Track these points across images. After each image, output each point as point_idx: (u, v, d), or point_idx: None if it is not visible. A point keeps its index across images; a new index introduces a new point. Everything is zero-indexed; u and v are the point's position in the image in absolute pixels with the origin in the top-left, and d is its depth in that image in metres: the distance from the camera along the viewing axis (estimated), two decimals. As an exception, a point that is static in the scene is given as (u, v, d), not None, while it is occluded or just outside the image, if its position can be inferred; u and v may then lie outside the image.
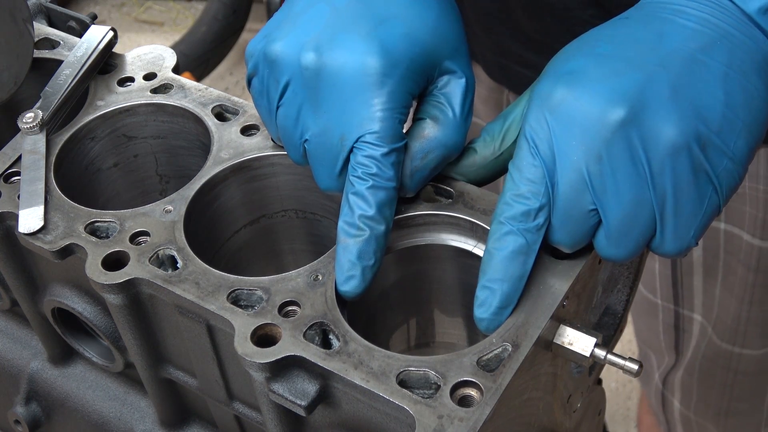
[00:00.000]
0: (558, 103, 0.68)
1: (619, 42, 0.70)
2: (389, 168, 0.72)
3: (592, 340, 0.70)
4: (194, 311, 0.72)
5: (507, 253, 0.68)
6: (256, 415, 0.78)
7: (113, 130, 0.88)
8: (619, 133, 0.65)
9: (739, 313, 1.28)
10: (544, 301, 0.69)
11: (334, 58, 0.72)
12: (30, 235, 0.77)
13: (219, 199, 0.83)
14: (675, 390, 1.50)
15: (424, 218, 0.77)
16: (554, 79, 0.69)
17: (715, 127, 0.66)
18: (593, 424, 0.92)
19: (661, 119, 0.66)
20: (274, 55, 0.74)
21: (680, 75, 0.67)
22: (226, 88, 2.96)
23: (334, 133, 0.73)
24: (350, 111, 0.72)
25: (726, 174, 0.68)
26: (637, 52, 0.68)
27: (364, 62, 0.72)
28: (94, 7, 3.37)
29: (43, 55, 0.92)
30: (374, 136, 0.71)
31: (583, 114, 0.66)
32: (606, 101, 0.66)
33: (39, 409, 0.96)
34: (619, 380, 2.23)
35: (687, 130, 0.66)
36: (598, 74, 0.68)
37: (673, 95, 0.66)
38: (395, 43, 0.72)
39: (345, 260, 0.71)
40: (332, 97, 0.72)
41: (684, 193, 0.67)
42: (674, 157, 0.66)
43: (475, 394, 0.64)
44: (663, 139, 0.65)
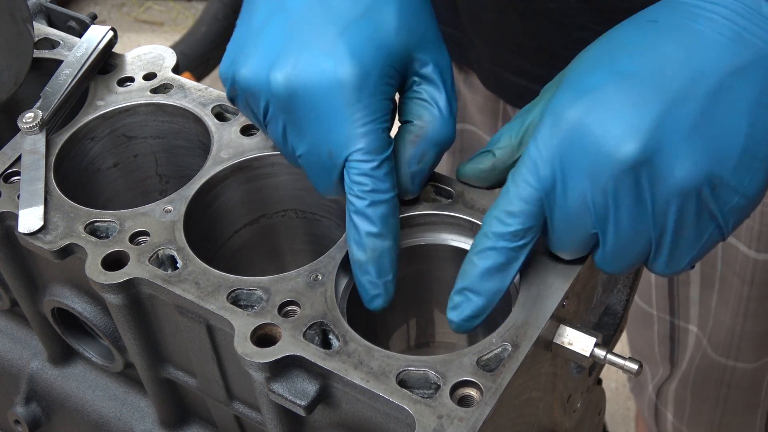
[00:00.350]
0: (570, 126, 0.65)
1: (644, 58, 0.66)
2: (383, 180, 0.71)
3: (592, 340, 0.70)
4: (194, 311, 0.72)
5: (486, 268, 0.69)
6: (256, 415, 0.78)
7: (113, 130, 0.88)
8: (628, 173, 0.63)
9: (733, 326, 1.27)
10: (544, 301, 0.69)
11: (304, 78, 0.70)
12: (30, 235, 0.76)
13: (219, 199, 0.83)
14: (668, 402, 1.49)
15: (424, 218, 0.77)
16: (571, 97, 0.66)
17: (731, 166, 0.63)
18: (593, 424, 0.92)
19: (674, 160, 0.63)
20: (245, 84, 0.73)
21: (704, 106, 0.63)
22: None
23: (321, 151, 0.72)
24: (332, 129, 0.71)
25: (735, 211, 0.65)
26: (662, 73, 0.64)
27: (335, 78, 0.69)
28: (94, 7, 3.37)
29: (43, 55, 0.92)
30: (362, 152, 0.70)
31: (595, 144, 0.64)
32: (620, 135, 0.63)
33: (39, 409, 0.96)
34: (619, 380, 2.23)
35: (699, 174, 0.63)
36: (616, 100, 0.64)
37: (692, 132, 0.63)
38: (362, 49, 0.70)
39: (366, 281, 0.72)
40: (311, 117, 0.71)
41: (684, 230, 0.65)
42: (680, 198, 0.64)
43: (474, 394, 0.64)
44: (672, 182, 0.63)
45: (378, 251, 0.72)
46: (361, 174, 0.71)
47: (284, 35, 0.72)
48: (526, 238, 0.68)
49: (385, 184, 0.71)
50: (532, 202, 0.67)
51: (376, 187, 0.71)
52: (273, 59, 0.71)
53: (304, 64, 0.70)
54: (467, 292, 0.69)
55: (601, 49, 0.69)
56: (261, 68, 0.72)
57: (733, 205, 0.65)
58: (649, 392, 1.52)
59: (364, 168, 0.71)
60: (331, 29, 0.70)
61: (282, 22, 0.72)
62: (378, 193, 0.71)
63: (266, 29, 0.73)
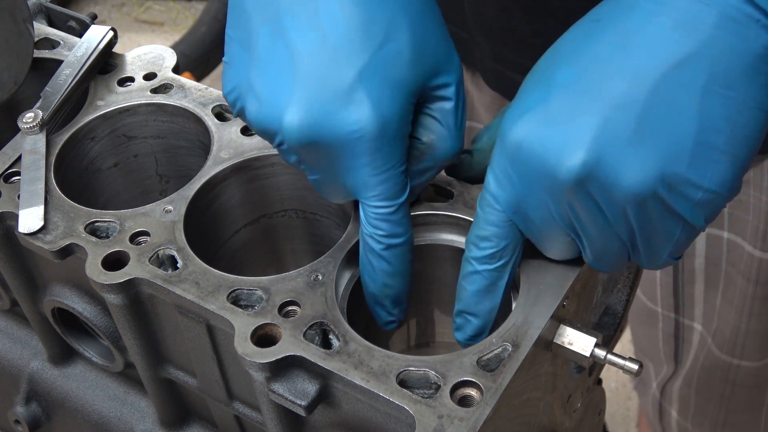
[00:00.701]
0: (515, 147, 0.64)
1: (582, 65, 0.63)
2: (400, 224, 0.72)
3: (592, 340, 0.70)
4: (194, 311, 0.72)
5: (475, 291, 0.70)
6: (256, 415, 0.78)
7: (113, 130, 0.88)
8: (576, 187, 0.62)
9: (738, 325, 1.28)
10: (544, 301, 0.69)
11: (322, 127, 0.67)
12: (30, 235, 0.76)
13: (219, 199, 0.83)
14: (673, 400, 1.49)
15: (424, 218, 0.77)
16: (514, 117, 0.65)
17: (684, 162, 0.61)
18: (593, 424, 0.92)
19: (620, 169, 0.61)
20: (256, 122, 0.70)
21: (645, 107, 0.61)
22: (226, 88, 2.95)
23: (336, 184, 0.72)
24: (350, 174, 0.70)
25: (702, 206, 0.63)
26: (601, 80, 0.62)
27: (356, 129, 0.67)
28: (94, 7, 3.37)
29: (43, 55, 0.92)
30: (379, 198, 0.70)
31: (540, 164, 0.63)
32: (560, 152, 0.62)
33: (39, 409, 0.96)
34: (619, 380, 2.23)
35: (649, 178, 0.61)
36: (554, 115, 0.63)
37: (635, 136, 0.60)
38: (380, 94, 0.67)
39: (379, 310, 0.75)
40: (327, 161, 0.69)
41: (651, 232, 0.64)
42: (636, 205, 0.62)
43: (475, 394, 0.64)
44: (622, 190, 0.61)
45: (394, 288, 0.74)
46: (378, 219, 0.71)
47: (292, 70, 0.67)
48: (504, 257, 0.69)
49: (401, 227, 0.72)
50: (501, 224, 0.68)
51: (392, 232, 0.71)
52: (286, 101, 0.67)
53: (320, 110, 0.67)
54: (464, 314, 0.72)
55: (546, 59, 0.67)
56: (273, 109, 0.68)
57: (697, 200, 0.62)
58: (653, 390, 1.52)
59: (381, 213, 0.71)
60: (346, 69, 0.66)
61: (289, 56, 0.67)
62: (394, 237, 0.72)
63: (271, 61, 0.68)
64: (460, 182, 0.77)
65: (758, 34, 0.60)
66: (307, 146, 0.68)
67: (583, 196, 0.63)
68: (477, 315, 0.71)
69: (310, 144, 0.68)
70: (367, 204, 0.71)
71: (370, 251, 0.72)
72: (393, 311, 0.76)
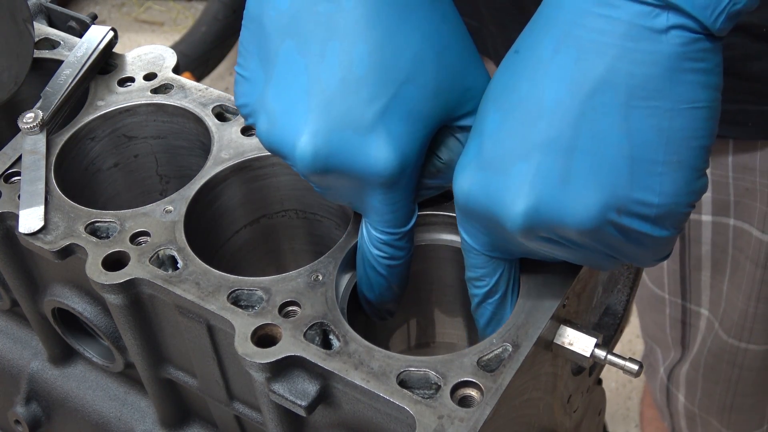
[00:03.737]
0: (464, 200, 0.65)
1: (506, 106, 0.62)
2: (403, 248, 0.73)
3: (592, 340, 0.70)
4: (194, 311, 0.72)
5: (485, 321, 0.73)
6: (256, 415, 0.78)
7: (113, 130, 0.88)
8: (527, 233, 0.62)
9: (745, 309, 1.29)
10: (544, 301, 0.69)
11: (338, 159, 0.65)
12: (30, 235, 0.77)
13: (219, 199, 0.83)
14: (680, 384, 1.50)
15: (424, 218, 0.77)
16: (460, 169, 0.65)
17: (626, 184, 0.59)
18: (593, 424, 0.92)
19: (561, 209, 0.60)
20: (266, 143, 0.68)
21: (571, 141, 0.59)
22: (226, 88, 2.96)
23: (344, 200, 0.72)
24: (362, 201, 0.70)
25: (661, 218, 0.60)
26: (523, 122, 0.60)
27: (375, 167, 0.65)
28: (94, 7, 3.37)
29: (43, 55, 0.92)
30: (388, 225, 0.71)
31: (488, 214, 0.63)
32: (501, 204, 0.62)
33: (39, 409, 0.96)
34: (619, 380, 2.23)
35: (593, 211, 0.59)
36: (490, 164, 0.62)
37: (568, 173, 0.59)
38: (400, 130, 0.65)
39: (370, 310, 0.78)
40: (339, 188, 0.69)
41: (621, 250, 0.63)
42: (591, 236, 0.61)
43: (475, 395, 0.64)
44: (570, 229, 0.60)
45: (387, 297, 0.76)
46: (383, 243, 0.72)
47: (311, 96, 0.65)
48: (500, 290, 0.71)
49: (403, 251, 0.73)
50: (485, 265, 0.70)
51: (394, 255, 0.73)
52: (301, 126, 0.65)
53: (337, 142, 0.64)
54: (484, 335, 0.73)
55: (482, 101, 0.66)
56: (287, 132, 0.66)
57: (654, 216, 0.60)
58: (661, 375, 1.53)
59: (386, 239, 0.72)
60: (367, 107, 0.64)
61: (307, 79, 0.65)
62: (396, 259, 0.73)
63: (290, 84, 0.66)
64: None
65: (672, 35, 0.57)
66: (321, 172, 0.66)
67: (537, 239, 0.63)
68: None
69: (324, 170, 0.66)
70: (372, 227, 0.72)
71: (369, 266, 0.74)
72: (385, 316, 0.78)
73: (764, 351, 1.35)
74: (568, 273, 0.71)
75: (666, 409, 1.59)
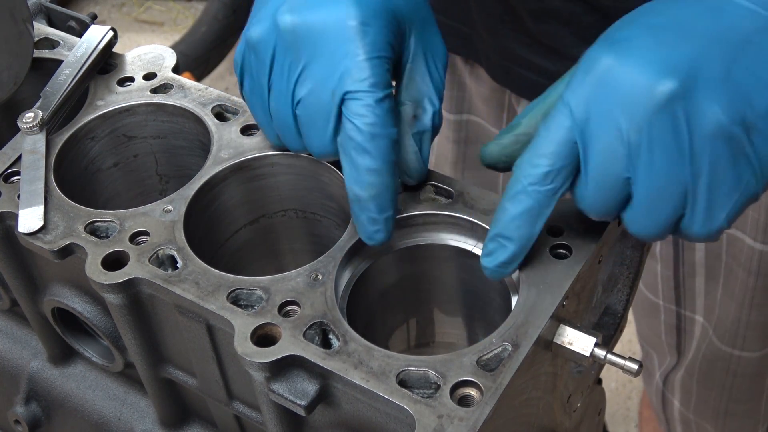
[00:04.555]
0: (605, 69, 0.66)
1: (674, 15, 0.68)
2: (385, 114, 0.71)
3: (592, 339, 0.70)
4: (194, 311, 0.72)
5: (517, 213, 0.69)
6: (256, 415, 0.78)
7: (113, 130, 0.88)
8: (665, 108, 0.64)
9: (739, 316, 1.28)
10: (544, 300, 0.69)
11: (312, 15, 0.73)
12: (30, 235, 0.76)
13: (219, 199, 0.83)
14: (675, 390, 1.50)
15: (424, 218, 0.77)
16: (604, 47, 0.67)
17: (762, 112, 0.64)
18: (593, 424, 0.92)
19: (709, 99, 0.64)
20: (255, 37, 0.75)
21: (733, 54, 0.65)
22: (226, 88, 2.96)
23: (324, 89, 0.72)
24: (337, 63, 0.72)
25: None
26: (692, 26, 0.66)
27: (343, 14, 0.72)
28: (94, 7, 3.37)
29: (43, 55, 0.92)
30: (366, 83, 0.71)
31: (630, 83, 0.65)
32: (656, 73, 0.64)
33: (39, 409, 0.96)
34: (619, 380, 2.23)
35: (734, 113, 0.64)
36: (650, 44, 0.66)
37: (725, 75, 0.64)
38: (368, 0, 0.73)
39: (365, 218, 0.73)
40: (316, 52, 0.72)
41: (720, 174, 0.65)
42: (717, 138, 0.64)
43: (475, 394, 0.64)
44: (708, 120, 0.63)
45: (378, 187, 0.72)
46: (364, 105, 0.71)
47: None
48: (556, 181, 0.68)
49: (386, 118, 0.71)
50: (564, 143, 0.67)
51: (377, 121, 0.71)
52: (279, 6, 0.74)
53: (311, 5, 0.73)
54: (500, 238, 0.70)
55: (632, 14, 0.70)
56: (269, 17, 0.74)
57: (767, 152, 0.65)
58: (657, 380, 1.53)
59: (366, 100, 0.71)
60: None
61: None
62: (379, 127, 0.71)
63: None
64: (459, 182, 0.77)
65: None
66: (297, 38, 0.73)
67: (668, 120, 0.64)
68: (513, 239, 0.69)
69: (300, 33, 0.72)
70: (351, 95, 0.71)
71: (353, 148, 0.72)
72: (378, 217, 0.73)
73: (758, 358, 1.35)
74: (567, 273, 0.71)
75: (662, 414, 1.59)
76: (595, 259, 0.73)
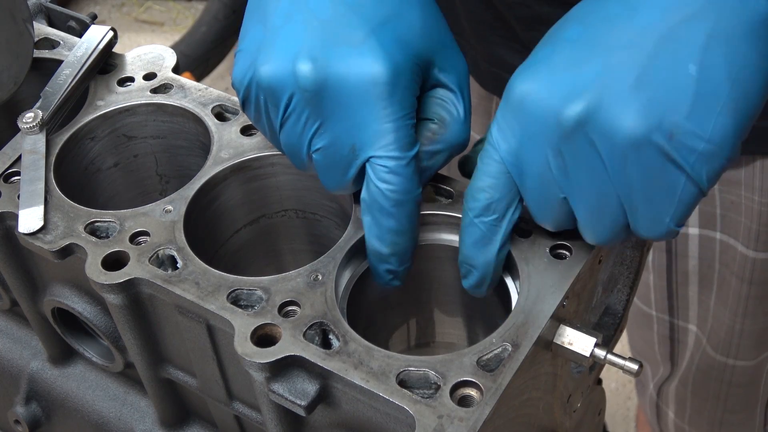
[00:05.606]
0: (519, 98, 0.66)
1: (591, 22, 0.66)
2: (411, 179, 0.71)
3: (592, 340, 0.70)
4: (194, 311, 0.72)
5: (471, 243, 0.72)
6: (256, 415, 0.78)
7: (113, 130, 0.88)
8: (576, 131, 0.64)
9: (732, 325, 1.28)
10: (544, 301, 0.69)
11: (336, 70, 0.69)
12: (30, 235, 0.76)
13: (219, 199, 0.83)
14: (669, 401, 1.50)
15: (424, 218, 0.77)
16: (520, 72, 0.68)
17: (684, 111, 0.62)
18: (593, 424, 0.92)
19: (619, 113, 0.62)
20: (267, 79, 0.71)
21: (649, 56, 0.63)
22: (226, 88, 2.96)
23: (344, 145, 0.71)
24: (361, 123, 0.70)
25: (704, 159, 0.63)
26: (607, 33, 0.65)
27: (370, 72, 0.69)
28: (94, 7, 3.37)
29: (43, 55, 0.92)
30: (391, 149, 0.70)
31: (542, 110, 0.65)
32: (563, 97, 0.64)
33: (39, 409, 0.96)
34: (619, 380, 2.23)
35: (649, 122, 0.62)
36: (560, 64, 0.66)
37: (637, 83, 0.63)
38: (393, 47, 0.70)
39: (383, 270, 0.75)
40: (339, 110, 0.70)
41: (651, 184, 0.64)
42: (635, 150, 0.63)
43: (475, 394, 0.64)
44: (622, 135, 0.62)
45: (401, 246, 0.73)
46: (390, 172, 0.71)
47: (309, 31, 0.70)
48: (498, 211, 0.70)
49: (411, 182, 0.71)
50: (497, 175, 0.69)
51: (403, 188, 0.71)
52: (298, 52, 0.70)
53: (334, 58, 0.69)
54: (465, 263, 0.73)
55: (559, 22, 0.70)
56: (286, 62, 0.70)
57: (699, 152, 0.62)
58: (651, 391, 1.53)
59: (392, 166, 0.70)
60: (359, 28, 0.70)
61: (305, 20, 0.71)
62: (405, 194, 0.71)
63: (287, 27, 0.71)
64: (460, 182, 0.77)
65: (758, 2, 0.63)
66: (319, 92, 0.69)
67: (582, 142, 0.64)
68: (476, 266, 0.72)
69: (322, 88, 0.69)
70: (377, 160, 0.71)
71: (378, 209, 0.72)
72: (398, 269, 0.75)
73: (752, 367, 1.34)
74: (567, 273, 0.71)
75: (656, 425, 1.58)
76: (595, 259, 0.73)
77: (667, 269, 1.28)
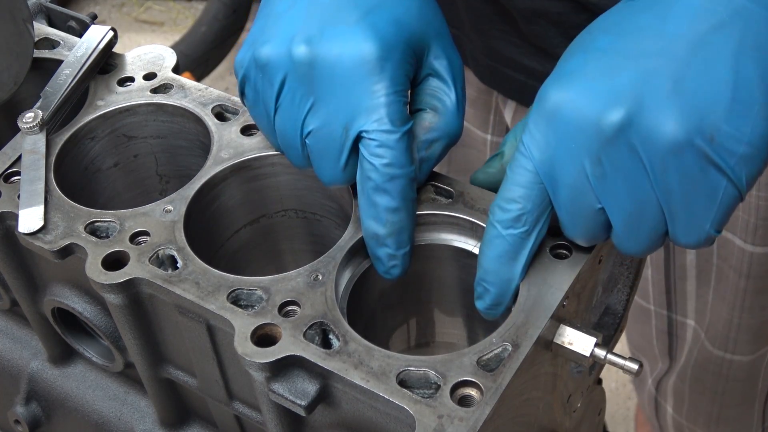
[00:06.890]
0: (555, 106, 0.66)
1: (621, 31, 0.67)
2: (403, 153, 0.71)
3: (592, 339, 0.70)
4: (194, 311, 0.72)
5: (495, 256, 0.70)
6: (256, 415, 0.78)
7: (113, 130, 0.88)
8: (617, 137, 0.64)
9: (730, 320, 1.28)
10: (544, 300, 0.69)
11: (328, 48, 0.71)
12: (30, 235, 0.77)
13: (219, 199, 0.83)
14: (668, 396, 1.50)
15: (424, 218, 0.77)
16: (553, 81, 0.68)
17: (722, 114, 0.63)
18: (593, 424, 0.92)
19: (660, 118, 0.63)
20: (265, 58, 0.73)
21: (683, 63, 0.64)
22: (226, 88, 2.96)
23: (337, 124, 0.72)
24: (353, 100, 0.71)
25: (744, 161, 0.64)
26: (639, 42, 0.66)
27: (360, 49, 0.70)
28: (94, 7, 3.37)
29: (43, 55, 0.92)
30: (383, 122, 0.70)
31: (580, 118, 0.65)
32: (602, 104, 0.64)
33: (39, 409, 0.96)
34: (619, 380, 2.23)
35: (689, 126, 0.62)
36: (595, 73, 0.66)
37: (674, 88, 0.63)
38: (386, 29, 0.71)
39: (383, 254, 0.74)
40: (331, 88, 0.71)
41: (692, 188, 0.64)
42: (677, 155, 0.63)
43: (475, 394, 0.64)
44: (663, 139, 0.63)
45: (397, 225, 0.73)
46: (381, 146, 0.71)
47: (307, 15, 0.73)
48: (528, 223, 0.69)
49: (405, 157, 0.71)
50: (530, 186, 0.68)
51: (396, 161, 0.71)
52: (296, 34, 0.72)
53: (327, 37, 0.71)
54: (483, 282, 0.71)
55: (584, 33, 0.70)
56: (283, 42, 0.72)
57: (740, 154, 0.63)
58: (649, 386, 1.53)
59: (384, 140, 0.70)
60: (355, 11, 0.72)
61: (307, 6, 0.73)
62: (398, 167, 0.71)
63: (288, 13, 0.73)
64: (459, 182, 0.77)
65: None
66: (312, 71, 0.71)
67: (623, 149, 0.64)
68: (493, 284, 0.70)
69: (315, 66, 0.71)
70: (368, 134, 0.71)
71: (371, 188, 0.72)
72: (396, 253, 0.74)
73: (750, 361, 1.34)
74: (567, 273, 0.71)
75: (655, 420, 1.59)
76: (595, 259, 0.73)
77: (665, 264, 1.28)
